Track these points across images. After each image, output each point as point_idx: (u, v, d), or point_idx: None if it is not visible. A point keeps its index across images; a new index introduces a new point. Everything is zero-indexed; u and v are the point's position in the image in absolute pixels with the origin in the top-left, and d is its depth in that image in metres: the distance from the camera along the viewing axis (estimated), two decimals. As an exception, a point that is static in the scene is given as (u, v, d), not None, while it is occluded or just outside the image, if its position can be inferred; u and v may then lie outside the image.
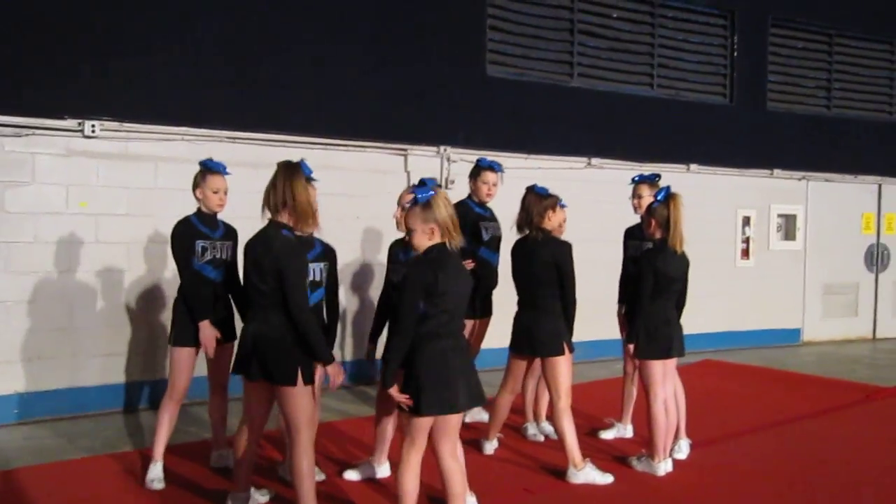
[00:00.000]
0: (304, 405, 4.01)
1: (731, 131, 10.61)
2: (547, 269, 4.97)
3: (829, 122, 11.44)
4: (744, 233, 10.82)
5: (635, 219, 6.01)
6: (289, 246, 3.99)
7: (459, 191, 8.35)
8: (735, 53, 10.60)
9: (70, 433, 6.14)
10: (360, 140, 8.05)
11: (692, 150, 10.23)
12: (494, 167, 6.10)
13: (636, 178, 6.07)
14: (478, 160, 6.17)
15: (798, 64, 11.25)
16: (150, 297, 6.99)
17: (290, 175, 4.05)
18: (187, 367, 4.90)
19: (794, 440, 6.11)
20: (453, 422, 3.88)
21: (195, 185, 4.95)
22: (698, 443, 5.66)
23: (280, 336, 3.99)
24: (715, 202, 10.37)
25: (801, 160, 11.11)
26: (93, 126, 6.67)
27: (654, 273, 5.01)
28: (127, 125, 6.85)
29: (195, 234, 4.87)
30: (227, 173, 5.00)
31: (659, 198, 5.07)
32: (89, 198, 6.73)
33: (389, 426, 4.97)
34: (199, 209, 4.97)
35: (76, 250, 6.67)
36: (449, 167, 8.50)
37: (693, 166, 10.21)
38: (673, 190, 5.10)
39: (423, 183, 3.95)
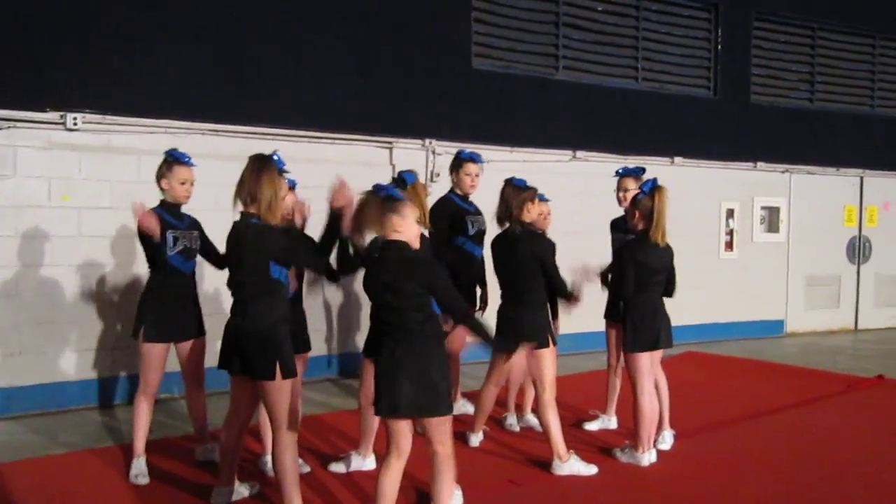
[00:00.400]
0: (284, 399, 4.00)
1: (715, 124, 10.66)
2: (528, 262, 4.98)
3: (812, 116, 11.52)
4: (728, 225, 10.89)
5: (620, 211, 6.03)
6: (262, 230, 3.99)
7: (445, 184, 8.36)
8: (719, 47, 10.65)
9: (51, 428, 6.09)
10: (345, 133, 8.02)
11: (676, 143, 10.27)
12: (475, 158, 6.07)
13: (620, 171, 6.08)
14: (458, 152, 6.15)
15: (781, 58, 11.32)
16: (133, 291, 6.92)
17: (259, 168, 4.05)
18: (158, 362, 4.86)
19: (778, 430, 6.16)
20: (393, 426, 3.81)
21: (160, 176, 4.93)
22: (682, 433, 5.70)
23: (257, 330, 3.99)
24: (699, 195, 10.42)
25: (784, 153, 11.18)
26: (75, 119, 6.61)
27: (634, 265, 5.02)
28: (109, 118, 6.79)
29: (164, 224, 4.84)
30: (192, 164, 4.98)
31: (645, 189, 5.08)
32: (72, 191, 6.68)
33: (374, 418, 4.97)
34: (163, 200, 4.94)
35: (59, 244, 6.62)
36: (434, 160, 8.49)
37: (677, 159, 10.25)
38: (659, 182, 5.11)
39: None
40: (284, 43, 7.69)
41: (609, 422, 6.16)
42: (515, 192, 5.06)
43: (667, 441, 5.52)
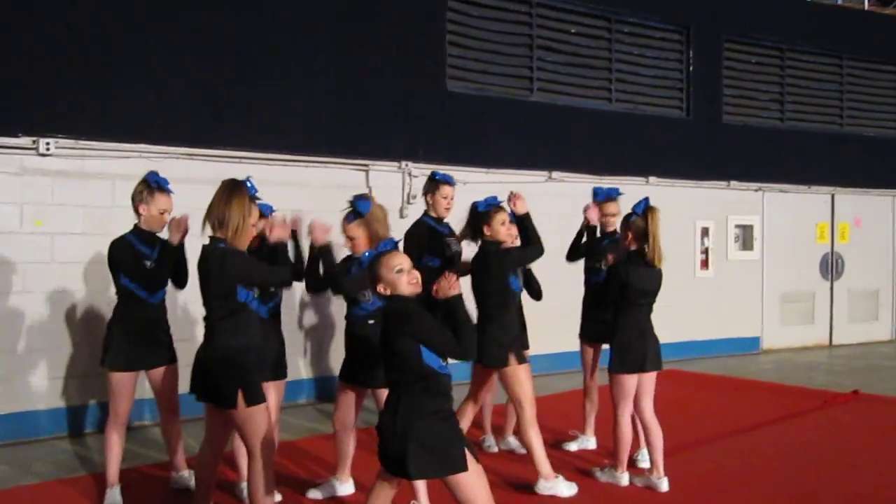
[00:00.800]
0: (254, 426, 3.94)
1: (689, 144, 10.79)
2: (495, 277, 4.90)
3: (783, 135, 11.69)
4: (703, 244, 10.99)
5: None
6: (226, 254, 3.96)
7: (421, 206, 8.35)
8: (691, 68, 10.80)
9: (21, 458, 5.98)
10: (321, 156, 8.02)
11: (651, 163, 10.37)
12: (449, 181, 5.99)
13: (600, 197, 6.04)
14: (432, 174, 6.06)
15: (752, 78, 11.50)
16: (106, 318, 6.83)
17: (230, 193, 4.03)
18: (126, 391, 4.78)
19: (756, 447, 6.19)
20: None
21: (139, 200, 4.83)
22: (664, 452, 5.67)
23: (223, 356, 3.95)
24: (674, 214, 10.48)
25: (756, 172, 11.33)
26: (47, 144, 6.56)
27: (620, 286, 4.98)
28: (83, 143, 6.74)
29: (138, 254, 4.77)
30: (171, 192, 4.91)
31: (637, 211, 5.02)
32: (45, 217, 6.61)
33: (349, 442, 4.93)
34: (137, 226, 4.86)
35: (31, 270, 6.54)
36: (411, 182, 8.51)
37: (652, 179, 10.34)
38: (651, 203, 5.04)
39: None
40: (259, 66, 7.69)
41: (588, 442, 6.16)
42: (478, 215, 5.05)
43: (647, 459, 5.39)
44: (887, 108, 12.69)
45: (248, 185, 4.12)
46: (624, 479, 5.14)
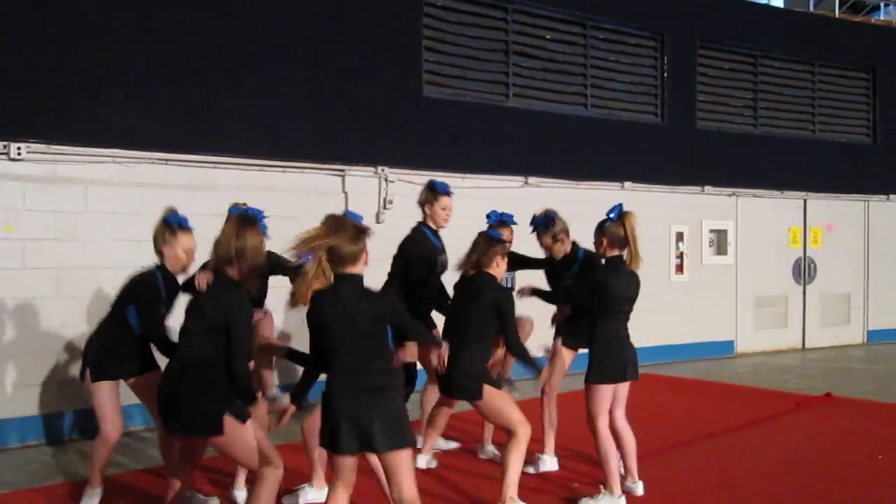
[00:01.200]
0: (238, 446, 3.90)
1: (663, 150, 10.87)
2: (485, 311, 4.74)
3: (756, 140, 11.82)
4: (677, 248, 11.07)
5: (578, 237, 5.88)
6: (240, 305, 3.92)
7: (397, 211, 8.37)
8: (665, 74, 10.89)
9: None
10: (297, 161, 7.99)
11: (626, 169, 10.44)
12: (448, 191, 5.75)
13: (539, 227, 5.75)
14: (431, 182, 5.80)
15: (726, 84, 11.62)
16: (79, 324, 6.78)
17: (241, 227, 3.95)
18: (110, 402, 4.68)
19: (730, 450, 6.24)
20: (338, 462, 3.68)
21: (161, 242, 4.62)
22: (637, 456, 5.68)
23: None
24: (649, 219, 10.52)
25: (730, 177, 11.45)
26: (18, 148, 6.48)
27: (599, 292, 4.85)
28: (55, 147, 6.67)
29: (160, 298, 4.60)
30: (192, 228, 4.72)
31: (612, 216, 4.90)
32: (15, 222, 6.52)
33: (318, 447, 4.87)
34: (162, 264, 4.65)
35: (2, 277, 6.45)
36: (387, 187, 8.50)
37: (627, 184, 10.42)
38: (626, 208, 4.93)
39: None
40: (235, 71, 7.65)
41: (551, 463, 5.68)
42: (487, 244, 4.84)
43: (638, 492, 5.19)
44: (858, 115, 12.88)
45: (261, 220, 4.00)
46: (622, 501, 4.85)
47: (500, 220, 5.83)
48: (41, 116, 6.65)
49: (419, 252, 5.62)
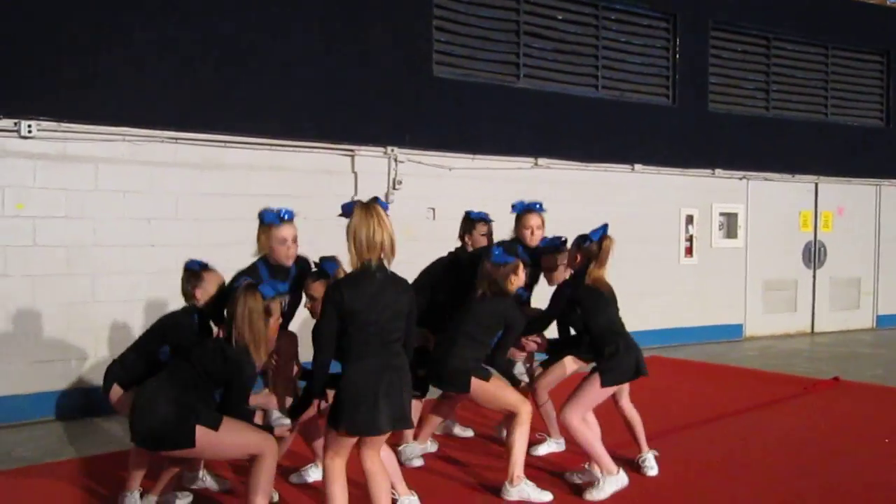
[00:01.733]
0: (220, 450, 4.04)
1: (674, 132, 10.81)
2: (494, 321, 4.80)
3: (768, 123, 11.73)
4: (687, 231, 11.03)
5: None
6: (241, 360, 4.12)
7: (406, 192, 8.37)
8: (677, 56, 10.80)
9: (1, 444, 5.94)
10: (307, 140, 7.98)
11: (636, 151, 10.39)
12: (486, 218, 5.67)
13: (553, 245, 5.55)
14: (467, 214, 5.74)
15: (738, 66, 11.52)
16: (88, 302, 6.82)
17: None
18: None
19: (736, 433, 6.24)
20: (376, 440, 3.83)
21: (192, 287, 4.58)
22: (646, 437, 5.68)
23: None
24: (659, 201, 10.55)
25: (741, 160, 11.38)
26: (29, 126, 6.49)
27: (604, 304, 4.88)
28: (65, 125, 6.68)
29: (191, 339, 4.46)
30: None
31: (593, 238, 4.92)
32: (26, 200, 6.54)
33: (317, 429, 4.84)
34: (195, 307, 4.59)
35: (12, 254, 6.49)
36: (396, 168, 8.48)
37: (637, 166, 10.37)
38: (609, 232, 4.94)
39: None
40: (244, 50, 7.63)
41: (557, 444, 5.71)
42: (496, 269, 4.79)
43: (652, 465, 5.21)
44: (871, 98, 12.76)
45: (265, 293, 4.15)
46: (622, 478, 4.80)
47: (526, 209, 5.71)
48: (52, 95, 6.65)
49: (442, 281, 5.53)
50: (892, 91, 12.79)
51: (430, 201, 8.66)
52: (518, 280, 4.87)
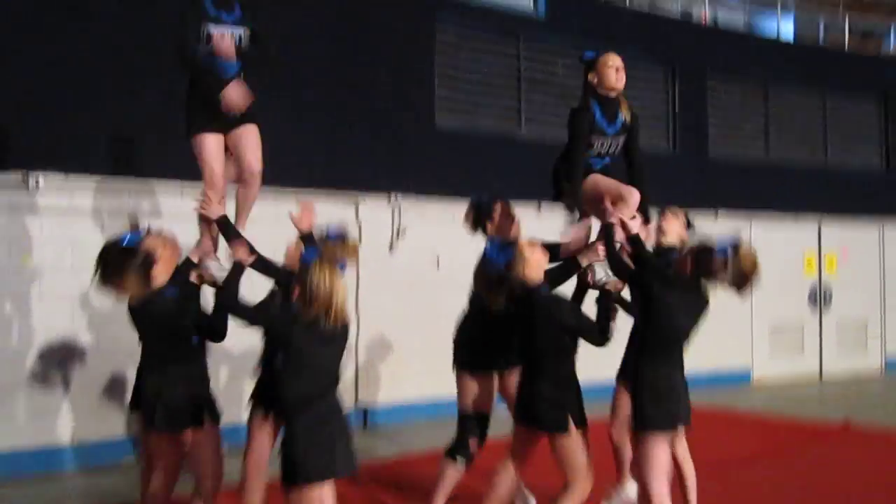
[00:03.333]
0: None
1: (676, 178, 10.85)
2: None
3: (768, 167, 11.79)
4: (692, 276, 10.99)
5: None
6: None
7: (410, 241, 8.39)
8: (676, 104, 10.91)
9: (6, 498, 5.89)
10: (311, 189, 8.03)
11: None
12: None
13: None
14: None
15: (736, 112, 11.63)
16: (94, 354, 6.80)
17: None
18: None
19: (744, 481, 6.16)
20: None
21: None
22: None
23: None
24: (663, 246, 10.55)
25: (743, 204, 11.41)
26: (37, 179, 6.54)
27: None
28: (72, 178, 6.73)
29: None
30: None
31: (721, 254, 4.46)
32: (33, 252, 6.57)
33: (262, 486, 4.63)
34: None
35: (18, 306, 6.49)
36: (401, 216, 8.52)
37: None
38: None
39: None
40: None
41: (629, 492, 5.29)
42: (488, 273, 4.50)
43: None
44: (870, 141, 12.85)
45: None
46: None
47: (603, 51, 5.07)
48: (58, 148, 6.71)
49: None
50: (891, 134, 12.89)
51: (435, 249, 8.68)
52: (535, 261, 4.45)
